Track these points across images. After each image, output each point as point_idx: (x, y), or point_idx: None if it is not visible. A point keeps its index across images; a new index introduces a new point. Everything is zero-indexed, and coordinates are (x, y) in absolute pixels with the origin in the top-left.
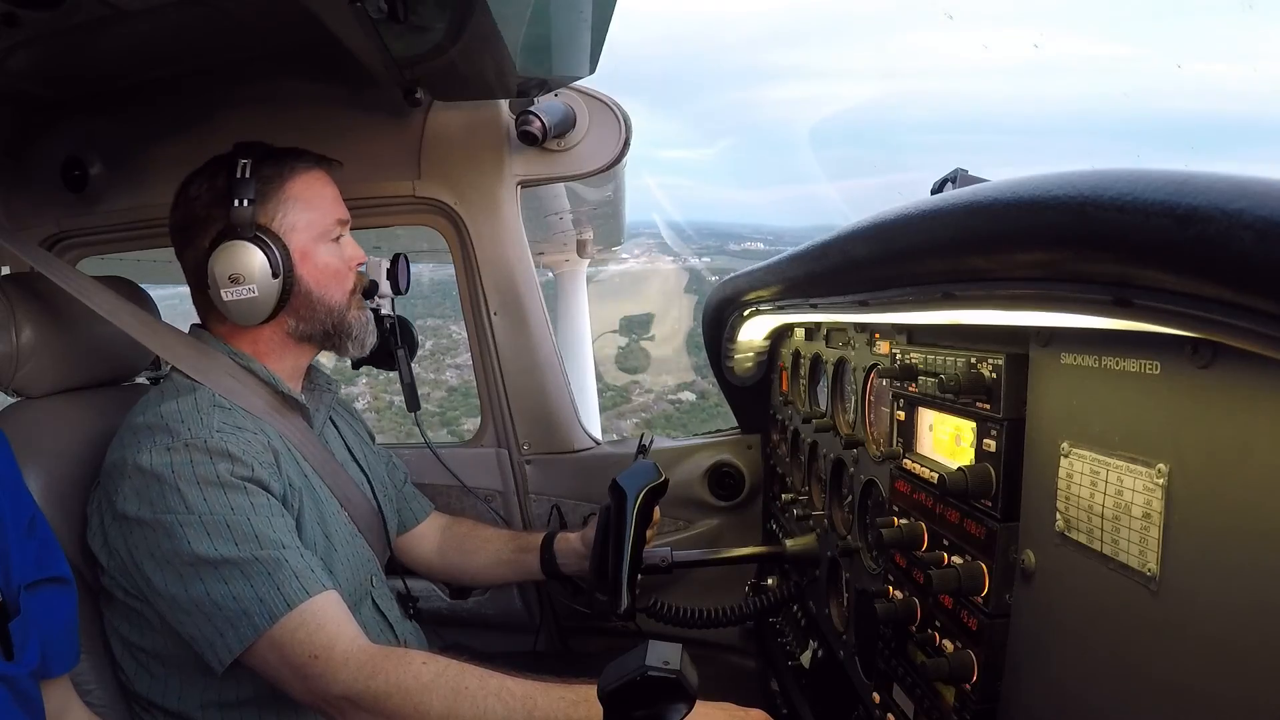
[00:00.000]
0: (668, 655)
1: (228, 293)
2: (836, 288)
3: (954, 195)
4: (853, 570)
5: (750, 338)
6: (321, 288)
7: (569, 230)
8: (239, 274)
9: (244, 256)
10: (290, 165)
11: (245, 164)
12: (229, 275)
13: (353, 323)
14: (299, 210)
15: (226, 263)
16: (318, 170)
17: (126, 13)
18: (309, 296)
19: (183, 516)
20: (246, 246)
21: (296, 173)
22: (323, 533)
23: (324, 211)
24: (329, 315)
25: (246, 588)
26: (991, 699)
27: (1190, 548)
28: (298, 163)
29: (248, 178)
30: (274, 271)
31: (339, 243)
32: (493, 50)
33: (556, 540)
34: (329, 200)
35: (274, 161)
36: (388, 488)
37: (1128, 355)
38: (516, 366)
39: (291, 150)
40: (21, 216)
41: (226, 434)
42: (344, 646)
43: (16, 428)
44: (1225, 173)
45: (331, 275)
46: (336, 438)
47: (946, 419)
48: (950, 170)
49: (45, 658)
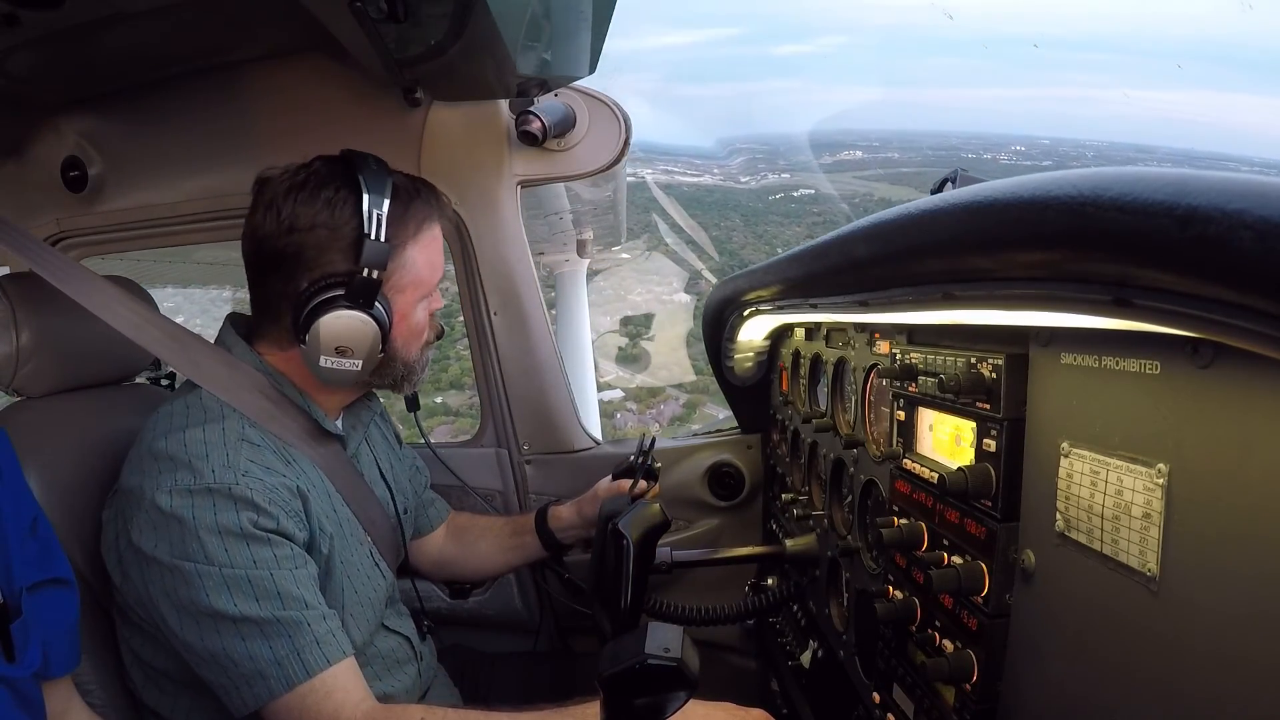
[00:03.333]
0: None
1: (327, 360)
2: (836, 288)
3: (954, 195)
4: (853, 570)
5: (750, 338)
6: (406, 347)
7: (569, 230)
8: (348, 347)
9: (361, 331)
10: (418, 218)
11: (378, 214)
12: (335, 346)
13: (416, 367)
14: (415, 272)
15: (339, 331)
16: (438, 224)
17: (126, 13)
18: (393, 355)
19: (202, 567)
20: (367, 321)
21: (422, 229)
22: (345, 574)
23: (435, 275)
24: (403, 368)
25: (265, 649)
26: (991, 699)
27: (1190, 548)
28: (425, 215)
29: (381, 228)
30: (381, 348)
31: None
32: (493, 50)
33: (550, 517)
34: (439, 260)
35: (401, 203)
36: (409, 497)
37: (1128, 355)
38: (516, 366)
39: (418, 188)
40: (22, 216)
41: (252, 479)
42: (348, 714)
43: (17, 427)
44: (1225, 174)
45: (417, 334)
46: (368, 454)
47: (946, 419)
48: (950, 170)
49: (47, 659)
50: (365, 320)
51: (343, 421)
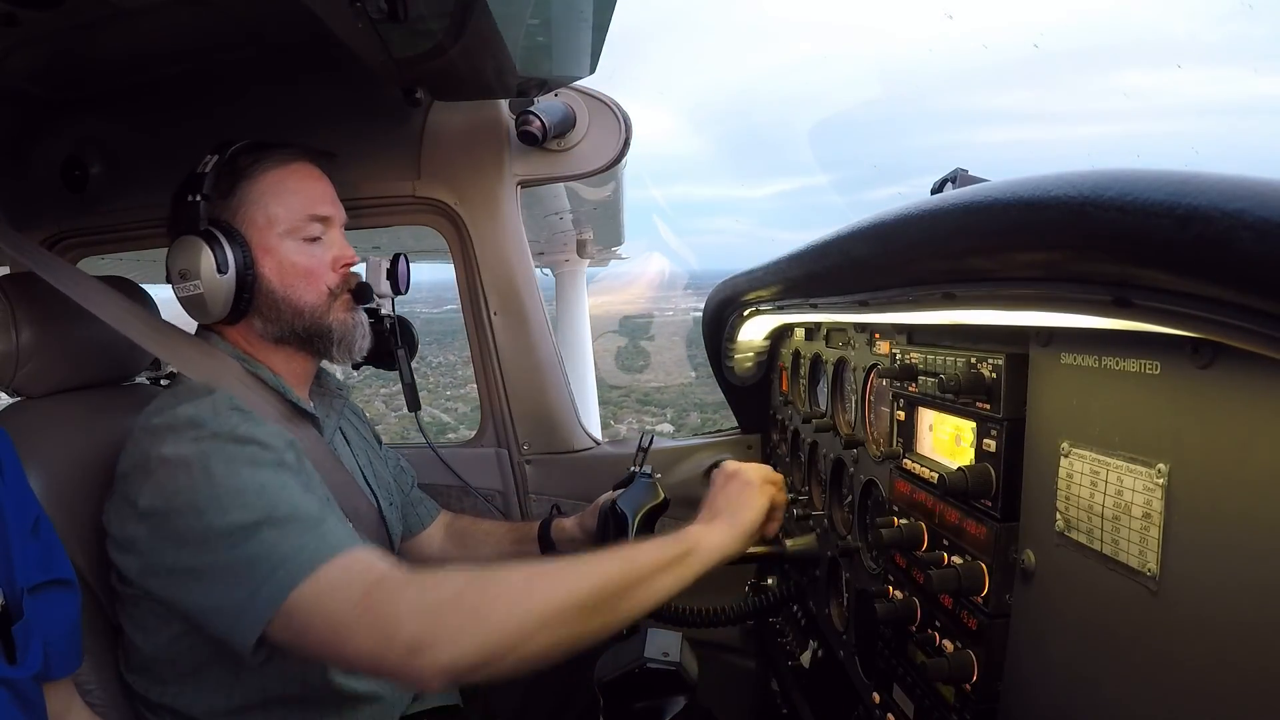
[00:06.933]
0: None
1: (178, 289)
2: (836, 288)
3: (954, 195)
4: (853, 570)
5: (750, 338)
6: (287, 287)
7: (569, 230)
8: (186, 269)
9: (189, 251)
10: (263, 158)
11: (210, 159)
12: (178, 270)
13: (334, 326)
14: (265, 205)
15: (175, 257)
16: (299, 164)
17: (126, 13)
18: (272, 296)
19: (214, 491)
20: (193, 241)
21: (269, 166)
22: None
23: (293, 207)
24: (297, 317)
25: (283, 540)
26: (991, 699)
27: (1190, 548)
28: (273, 155)
29: (206, 171)
30: (220, 268)
31: (319, 241)
32: (493, 50)
33: (553, 530)
34: (305, 195)
35: (249, 154)
36: (394, 495)
37: (1128, 355)
38: (516, 366)
39: (274, 143)
40: (21, 216)
41: (253, 425)
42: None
43: (17, 427)
44: (1225, 173)
45: (300, 274)
46: (345, 446)
47: (946, 419)
48: (950, 170)
49: (48, 661)
50: (193, 241)
51: (315, 404)
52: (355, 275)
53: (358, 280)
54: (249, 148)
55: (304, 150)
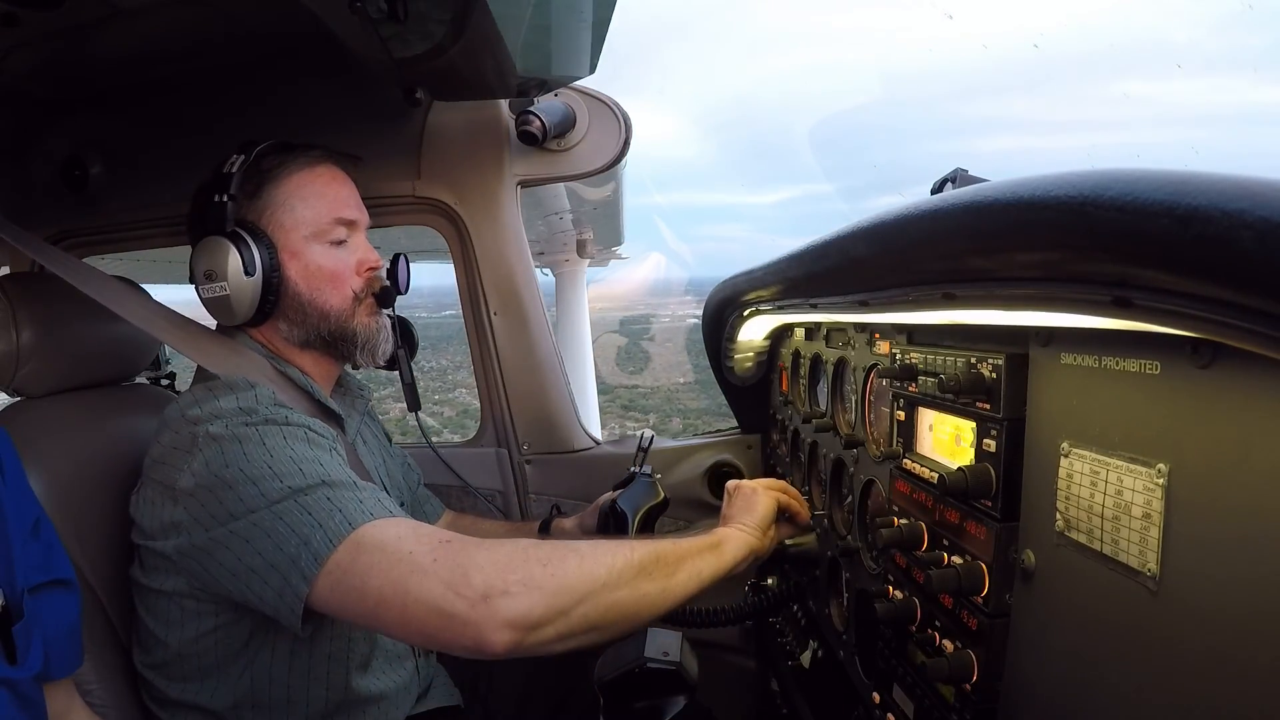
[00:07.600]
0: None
1: (204, 289)
2: (836, 288)
3: (954, 195)
4: (853, 570)
5: (750, 338)
6: (313, 291)
7: (569, 230)
8: (211, 270)
9: (216, 252)
10: (288, 160)
11: (236, 159)
12: (204, 271)
13: (359, 330)
14: (291, 207)
15: (200, 258)
16: (324, 166)
17: (126, 13)
18: (298, 299)
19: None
20: (220, 242)
21: (295, 169)
22: None
23: (320, 210)
24: (323, 321)
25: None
26: (991, 699)
27: (1190, 548)
28: (299, 157)
29: (233, 172)
30: (247, 270)
31: (344, 245)
32: (493, 50)
33: (553, 529)
34: (331, 199)
35: (274, 156)
36: (404, 493)
37: (1128, 355)
38: (516, 366)
39: (299, 144)
40: (22, 216)
41: (303, 417)
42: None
43: (17, 427)
44: (1226, 173)
45: (326, 278)
46: (364, 446)
47: (946, 419)
48: (950, 170)
49: (48, 661)
50: (220, 241)
51: (339, 403)
52: (379, 279)
53: (381, 284)
54: (274, 148)
55: (329, 153)
